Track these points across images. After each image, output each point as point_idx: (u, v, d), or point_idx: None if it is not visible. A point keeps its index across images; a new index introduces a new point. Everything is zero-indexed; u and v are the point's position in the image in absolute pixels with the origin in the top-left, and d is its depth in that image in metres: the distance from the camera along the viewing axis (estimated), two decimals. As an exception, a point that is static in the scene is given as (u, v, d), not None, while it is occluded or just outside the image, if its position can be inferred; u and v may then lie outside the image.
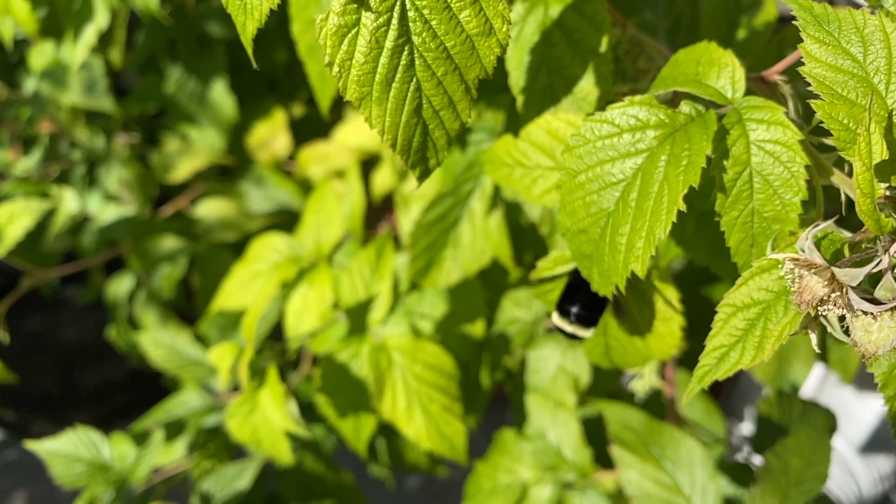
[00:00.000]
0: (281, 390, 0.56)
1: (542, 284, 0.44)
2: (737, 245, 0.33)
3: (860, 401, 1.27)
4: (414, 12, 0.30)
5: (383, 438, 0.89)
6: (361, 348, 0.63)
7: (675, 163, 0.31)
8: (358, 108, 0.32)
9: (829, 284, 0.27)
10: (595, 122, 0.34)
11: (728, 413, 1.40)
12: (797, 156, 0.31)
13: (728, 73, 0.33)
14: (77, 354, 1.10)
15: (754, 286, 0.31)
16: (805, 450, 0.59)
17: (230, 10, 0.32)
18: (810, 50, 0.30)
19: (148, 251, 0.85)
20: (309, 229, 0.70)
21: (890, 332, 0.29)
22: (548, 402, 0.70)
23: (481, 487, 0.75)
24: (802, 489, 0.55)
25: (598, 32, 0.41)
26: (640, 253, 0.32)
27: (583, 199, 0.35)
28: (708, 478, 0.61)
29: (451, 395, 0.63)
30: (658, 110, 0.33)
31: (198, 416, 0.77)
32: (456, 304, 0.72)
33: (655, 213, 0.31)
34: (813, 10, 0.31)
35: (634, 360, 0.44)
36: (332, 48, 0.30)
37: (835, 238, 0.31)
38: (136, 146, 0.95)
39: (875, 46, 0.29)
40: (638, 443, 0.64)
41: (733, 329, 0.31)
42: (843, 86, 0.30)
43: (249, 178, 0.92)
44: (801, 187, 0.31)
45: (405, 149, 0.33)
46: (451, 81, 0.32)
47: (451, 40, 0.31)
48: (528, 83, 0.43)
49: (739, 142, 0.32)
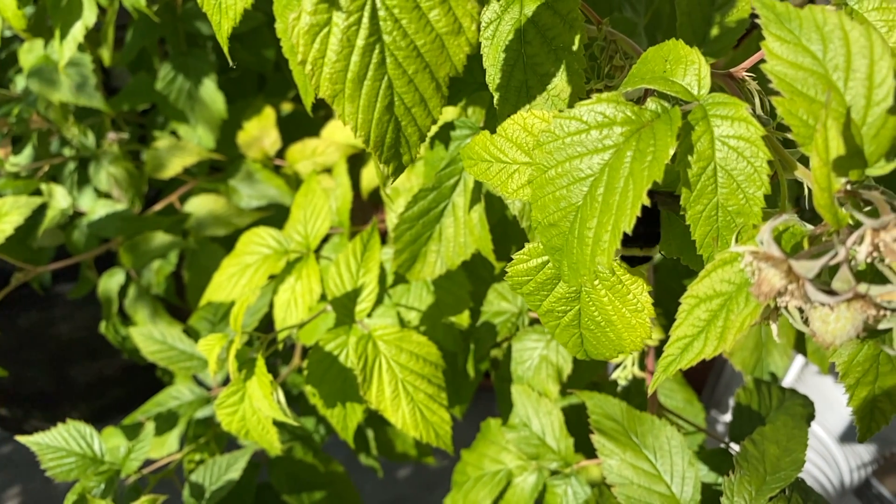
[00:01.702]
0: (268, 380, 0.57)
1: (518, 276, 0.45)
2: (702, 238, 0.34)
3: (840, 389, 1.29)
4: (384, 11, 0.31)
5: (372, 429, 0.90)
6: (348, 339, 0.64)
7: (640, 158, 0.32)
8: (331, 104, 0.32)
9: (787, 276, 0.28)
10: (564, 119, 0.34)
11: (713, 404, 1.42)
12: (760, 151, 0.32)
13: (694, 71, 0.34)
14: (71, 350, 1.10)
15: (717, 278, 0.32)
16: (782, 437, 0.61)
17: (206, 10, 0.33)
18: (772, 48, 0.31)
19: (138, 247, 0.86)
20: (297, 223, 0.70)
21: (846, 323, 0.30)
22: (532, 393, 0.71)
23: (468, 476, 0.76)
24: (779, 476, 0.57)
25: (572, 31, 0.41)
26: (606, 246, 0.33)
27: (553, 194, 0.35)
28: (687, 465, 0.62)
29: (436, 384, 0.64)
30: (625, 107, 0.33)
31: (189, 409, 0.78)
32: (442, 295, 0.73)
33: (621, 207, 0.32)
34: (775, 9, 0.32)
35: (608, 351, 0.45)
36: (305, 46, 0.31)
37: (796, 231, 0.32)
38: (126, 143, 0.95)
39: (834, 44, 0.30)
40: (619, 431, 0.65)
41: (696, 320, 0.32)
42: (803, 83, 0.30)
43: (239, 174, 0.93)
44: (764, 182, 0.32)
45: (378, 145, 0.34)
46: (422, 79, 0.33)
47: (421, 39, 0.32)
48: (503, 80, 0.44)
49: (704, 137, 0.33)
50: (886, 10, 0.35)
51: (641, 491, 0.62)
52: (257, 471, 0.83)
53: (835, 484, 1.30)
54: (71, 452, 0.66)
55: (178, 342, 0.78)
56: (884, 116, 0.29)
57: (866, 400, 0.36)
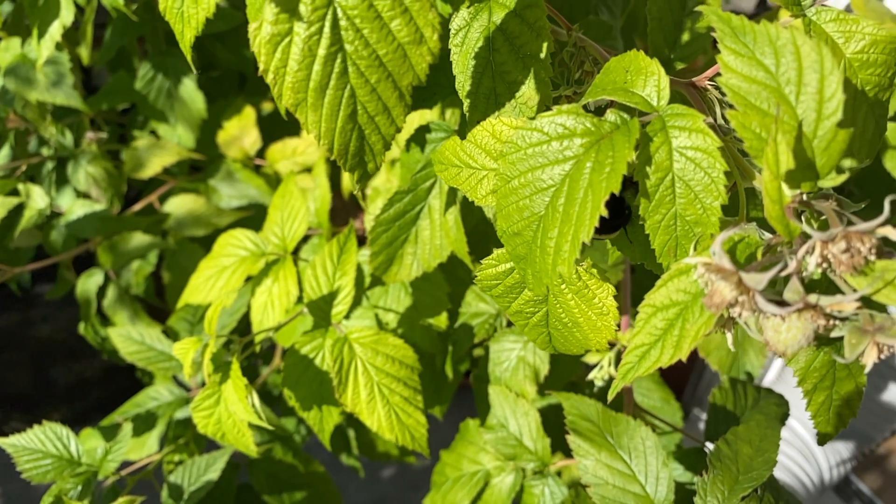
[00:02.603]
0: (243, 384, 0.58)
1: (488, 280, 0.45)
2: (661, 247, 0.34)
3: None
4: (346, 21, 0.31)
5: (353, 429, 0.90)
6: (324, 342, 0.64)
7: (599, 169, 0.33)
8: (294, 113, 0.33)
9: (737, 288, 0.29)
10: (526, 130, 0.35)
11: (695, 402, 1.43)
12: (717, 162, 0.32)
13: (654, 82, 0.34)
14: (51, 351, 1.10)
15: (673, 288, 0.32)
16: (755, 437, 0.61)
17: (168, 19, 0.33)
18: (727, 61, 0.31)
19: (117, 247, 0.85)
20: (274, 224, 0.70)
21: (797, 332, 0.30)
22: (509, 393, 0.71)
23: (447, 477, 0.76)
24: (751, 476, 0.57)
25: (539, 39, 0.42)
26: (566, 256, 0.33)
27: (516, 204, 0.36)
28: (661, 465, 0.63)
29: (412, 387, 0.64)
30: (585, 119, 0.34)
31: (168, 410, 0.78)
32: (420, 297, 0.73)
33: (580, 218, 0.33)
34: (731, 22, 0.32)
35: (575, 348, 0.46)
36: (267, 56, 0.31)
37: (751, 241, 0.33)
38: (106, 143, 0.95)
39: (786, 58, 0.31)
40: (594, 432, 0.65)
41: (653, 329, 0.32)
42: (756, 96, 0.31)
43: (219, 174, 0.92)
44: (721, 192, 0.33)
45: (342, 153, 0.34)
46: (384, 88, 0.33)
47: (383, 48, 0.32)
48: (473, 87, 0.44)
49: (662, 148, 0.33)
50: (843, 21, 0.36)
51: (616, 491, 0.62)
52: (237, 471, 0.83)
53: (815, 481, 1.32)
54: (47, 454, 0.66)
55: (157, 343, 0.78)
56: (834, 130, 0.30)
57: (824, 404, 0.37)
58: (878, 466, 1.51)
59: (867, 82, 0.37)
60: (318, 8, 0.30)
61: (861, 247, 0.29)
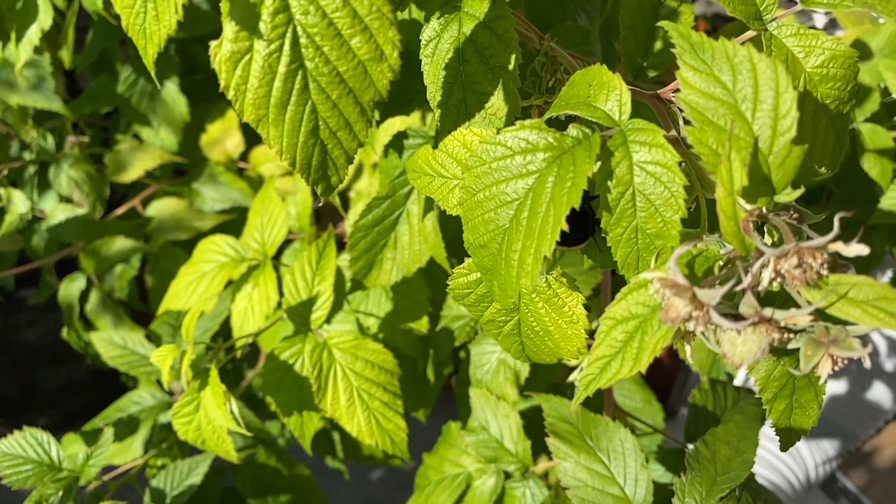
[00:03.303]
0: (222, 390, 0.58)
1: (460, 289, 0.46)
2: (623, 259, 0.35)
3: (808, 386, 1.31)
4: (306, 39, 0.31)
5: (338, 431, 0.91)
6: (304, 347, 0.64)
7: (560, 184, 0.33)
8: (256, 129, 0.33)
9: (691, 303, 0.29)
10: (490, 145, 0.35)
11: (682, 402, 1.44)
12: (676, 176, 0.33)
13: (616, 96, 0.35)
14: (36, 356, 1.10)
15: (633, 300, 0.33)
16: (733, 438, 0.62)
17: (131, 35, 0.33)
18: (686, 77, 0.32)
19: (99, 251, 0.85)
20: (254, 230, 0.71)
21: (753, 345, 0.31)
22: (490, 396, 0.72)
23: (429, 479, 0.77)
24: (729, 476, 0.58)
25: (508, 50, 0.42)
26: (529, 269, 0.34)
27: (482, 217, 0.36)
28: (640, 467, 0.63)
29: (391, 392, 0.64)
30: (547, 133, 0.34)
31: (151, 414, 0.79)
32: (400, 301, 0.73)
33: (542, 232, 0.33)
34: (690, 39, 0.32)
35: (548, 357, 0.46)
36: (227, 73, 0.32)
37: (709, 255, 0.33)
38: (88, 146, 0.95)
39: (743, 75, 0.31)
40: (573, 434, 0.65)
41: (614, 341, 0.33)
42: (713, 112, 0.31)
43: (203, 177, 0.92)
44: (681, 206, 0.33)
45: (305, 168, 0.34)
46: (346, 104, 0.33)
47: (343, 65, 0.32)
48: (443, 98, 0.44)
49: (623, 163, 0.34)
50: (803, 36, 0.36)
51: (595, 493, 0.63)
52: (221, 475, 0.84)
53: (801, 479, 1.33)
54: (28, 460, 0.66)
55: (140, 347, 0.78)
56: (788, 146, 0.30)
57: (784, 413, 0.37)
58: (864, 464, 1.52)
59: (827, 96, 0.37)
60: (277, 26, 0.31)
61: (813, 262, 0.29)
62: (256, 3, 0.30)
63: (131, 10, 0.32)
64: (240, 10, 0.30)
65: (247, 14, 0.30)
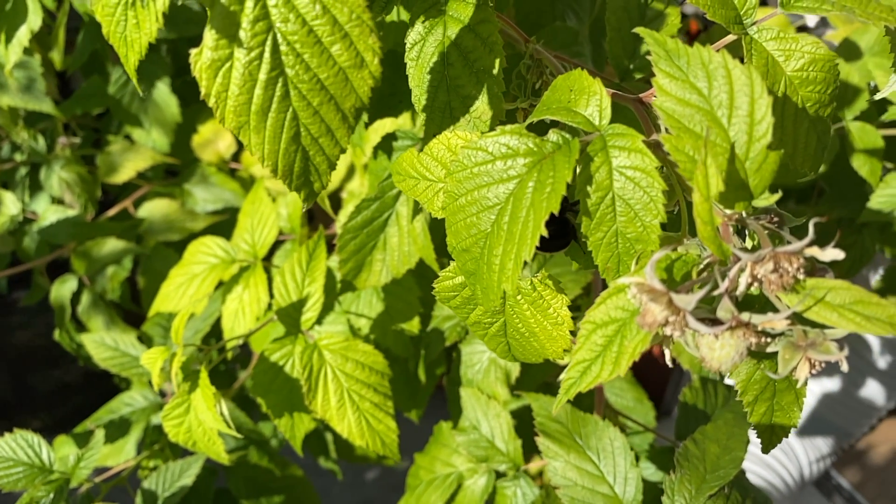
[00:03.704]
0: (212, 392, 0.58)
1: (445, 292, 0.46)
2: (604, 264, 0.35)
3: (800, 384, 1.32)
4: (286, 46, 0.32)
5: (331, 432, 0.91)
6: (294, 349, 0.64)
7: (540, 189, 0.33)
8: (237, 136, 0.33)
9: (668, 308, 0.30)
10: (471, 150, 0.35)
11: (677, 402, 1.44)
12: (655, 181, 0.33)
13: (596, 101, 0.35)
14: (29, 358, 1.10)
15: (612, 305, 0.33)
16: (722, 436, 0.62)
17: (112, 42, 0.33)
18: (662, 84, 0.32)
19: (90, 253, 0.85)
20: (244, 231, 0.71)
21: (731, 350, 0.31)
22: (480, 395, 0.72)
23: (420, 479, 0.77)
24: (718, 474, 0.58)
25: (492, 54, 0.42)
26: (510, 274, 0.34)
27: (464, 221, 0.36)
28: (630, 465, 0.64)
29: (382, 393, 0.65)
30: (527, 139, 0.34)
31: (143, 415, 0.79)
32: (392, 301, 0.74)
33: (523, 237, 0.33)
34: (666, 45, 0.33)
35: (534, 357, 0.46)
36: (208, 81, 0.32)
37: (688, 259, 0.33)
38: (80, 148, 0.95)
39: (718, 82, 0.31)
40: (563, 433, 0.66)
41: (594, 345, 0.33)
42: (689, 119, 0.31)
43: (195, 178, 0.92)
44: (660, 210, 0.33)
45: (287, 174, 0.34)
46: (327, 111, 0.33)
47: (324, 73, 0.32)
48: (429, 101, 0.44)
49: (603, 168, 0.34)
50: (783, 39, 0.37)
51: (585, 492, 0.63)
52: (214, 476, 0.84)
53: (795, 476, 1.33)
54: (18, 462, 0.66)
55: (131, 348, 0.78)
56: (764, 152, 0.31)
57: (765, 415, 0.38)
58: (858, 461, 1.53)
59: (808, 99, 0.37)
60: (257, 34, 0.31)
61: (789, 267, 0.30)
62: (236, 11, 0.30)
63: (112, 18, 0.32)
64: (220, 17, 0.30)
65: (227, 22, 0.30)
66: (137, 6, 0.31)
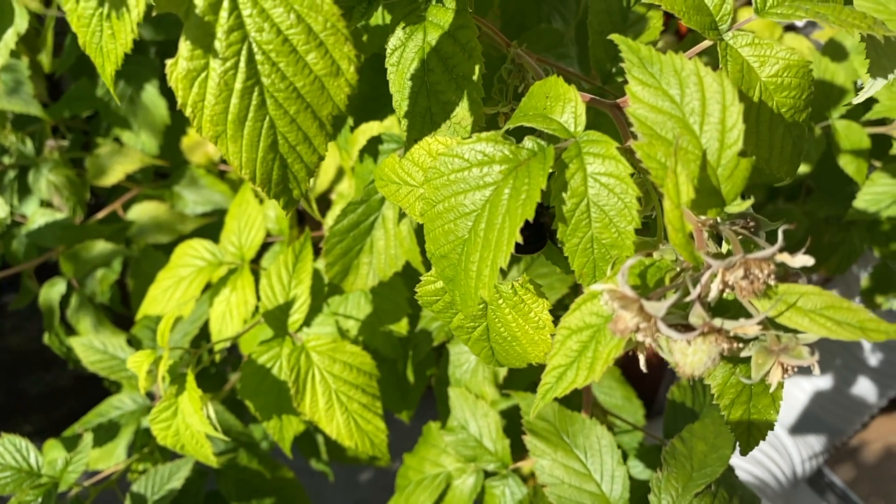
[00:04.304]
0: (198, 395, 0.58)
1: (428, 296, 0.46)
2: (580, 269, 0.35)
3: (792, 382, 1.33)
4: (261, 55, 0.32)
5: (322, 434, 0.91)
6: (281, 351, 0.65)
7: (516, 196, 0.33)
8: (215, 145, 0.33)
9: (639, 315, 0.30)
10: (447, 157, 0.35)
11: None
12: (629, 188, 0.33)
13: (571, 108, 0.35)
14: (22, 361, 1.10)
15: (586, 311, 0.33)
16: (709, 434, 0.62)
17: (88, 53, 0.33)
18: (635, 91, 0.32)
19: (79, 256, 0.85)
20: (231, 234, 0.71)
21: (703, 355, 0.31)
22: (468, 395, 0.72)
23: (410, 480, 0.77)
24: (705, 472, 0.58)
25: (471, 60, 0.42)
26: (486, 280, 0.34)
27: (442, 227, 0.37)
28: (616, 463, 0.64)
29: (370, 394, 0.65)
30: (503, 146, 0.35)
31: (132, 418, 0.79)
32: (380, 302, 0.74)
33: (498, 243, 0.33)
34: (639, 53, 0.33)
35: (517, 362, 0.47)
36: (184, 91, 0.32)
37: (662, 265, 0.34)
38: (69, 150, 0.94)
39: (690, 89, 0.31)
40: (551, 432, 0.66)
41: (569, 350, 0.33)
42: (661, 126, 0.32)
43: (184, 180, 0.92)
44: (634, 217, 0.34)
45: (265, 182, 0.34)
46: (304, 119, 0.33)
47: (300, 81, 0.32)
48: (409, 107, 0.44)
49: (578, 174, 0.34)
50: (758, 45, 0.37)
51: (572, 490, 0.63)
52: (205, 479, 0.84)
53: (788, 474, 1.34)
54: (6, 466, 0.66)
55: (120, 351, 0.78)
56: (735, 158, 0.31)
57: (742, 419, 0.38)
58: (851, 459, 1.53)
59: (783, 104, 0.38)
60: (232, 44, 0.31)
61: (760, 273, 0.30)
62: (211, 22, 0.30)
63: (87, 28, 0.32)
64: (195, 28, 0.30)
65: (202, 32, 0.30)
66: (112, 17, 0.31)
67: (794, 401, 1.32)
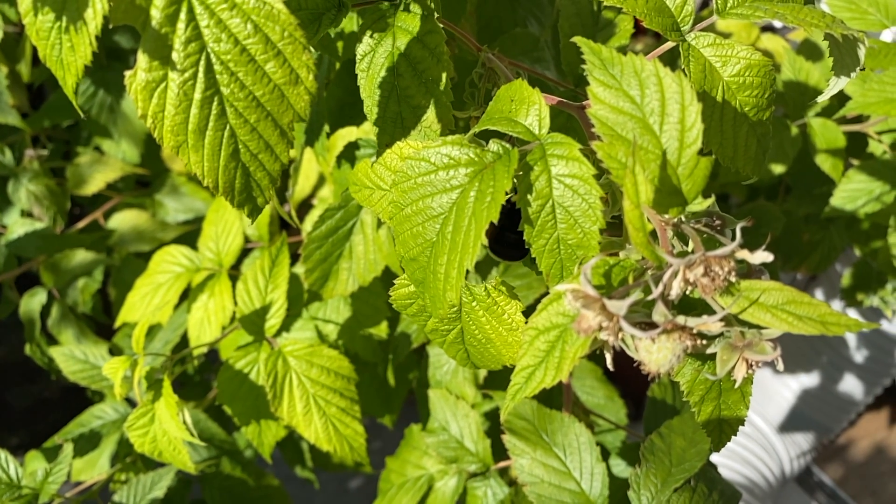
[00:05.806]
0: (175, 401, 0.58)
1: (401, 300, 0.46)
2: (547, 270, 0.36)
3: (778, 380, 1.33)
4: (220, 66, 0.32)
5: (307, 441, 0.91)
6: (258, 356, 0.64)
7: (481, 199, 0.34)
8: (177, 155, 0.33)
9: (601, 314, 0.30)
10: (414, 161, 0.36)
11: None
12: (593, 189, 0.34)
13: (535, 111, 0.35)
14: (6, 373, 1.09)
15: (553, 311, 0.33)
16: (688, 429, 0.62)
17: (49, 66, 0.33)
18: (596, 92, 0.33)
19: (60, 265, 0.85)
20: (209, 240, 0.71)
21: (667, 352, 0.31)
22: (449, 396, 0.72)
23: (392, 483, 0.77)
24: (684, 467, 0.58)
25: (440, 65, 0.42)
26: (453, 282, 0.34)
27: (411, 231, 0.37)
28: (596, 461, 0.64)
29: (348, 398, 0.65)
30: (468, 149, 0.35)
31: (114, 428, 0.78)
32: (359, 306, 0.74)
33: (465, 246, 0.34)
34: (601, 54, 0.33)
35: (491, 364, 0.47)
36: (143, 102, 0.32)
37: (626, 264, 0.34)
38: (48, 160, 0.94)
39: (650, 90, 0.32)
40: (530, 430, 0.66)
41: (537, 351, 0.34)
42: (622, 127, 0.32)
43: (165, 188, 0.92)
44: (598, 217, 0.34)
45: (228, 190, 0.35)
46: (265, 127, 0.33)
47: (259, 90, 0.33)
48: (380, 112, 0.45)
49: (542, 176, 0.34)
50: (720, 45, 0.37)
51: (552, 489, 0.63)
52: (189, 487, 0.83)
53: (776, 473, 1.34)
54: (-14, 479, 0.66)
55: (101, 361, 0.78)
56: (695, 158, 0.31)
57: (713, 415, 0.38)
58: (840, 457, 1.54)
59: (746, 104, 0.38)
60: (190, 54, 0.31)
61: (720, 270, 0.30)
62: (168, 34, 0.30)
63: (47, 41, 0.32)
64: (152, 39, 0.30)
65: (159, 44, 0.31)
66: (71, 30, 0.31)
67: (781, 399, 1.33)
